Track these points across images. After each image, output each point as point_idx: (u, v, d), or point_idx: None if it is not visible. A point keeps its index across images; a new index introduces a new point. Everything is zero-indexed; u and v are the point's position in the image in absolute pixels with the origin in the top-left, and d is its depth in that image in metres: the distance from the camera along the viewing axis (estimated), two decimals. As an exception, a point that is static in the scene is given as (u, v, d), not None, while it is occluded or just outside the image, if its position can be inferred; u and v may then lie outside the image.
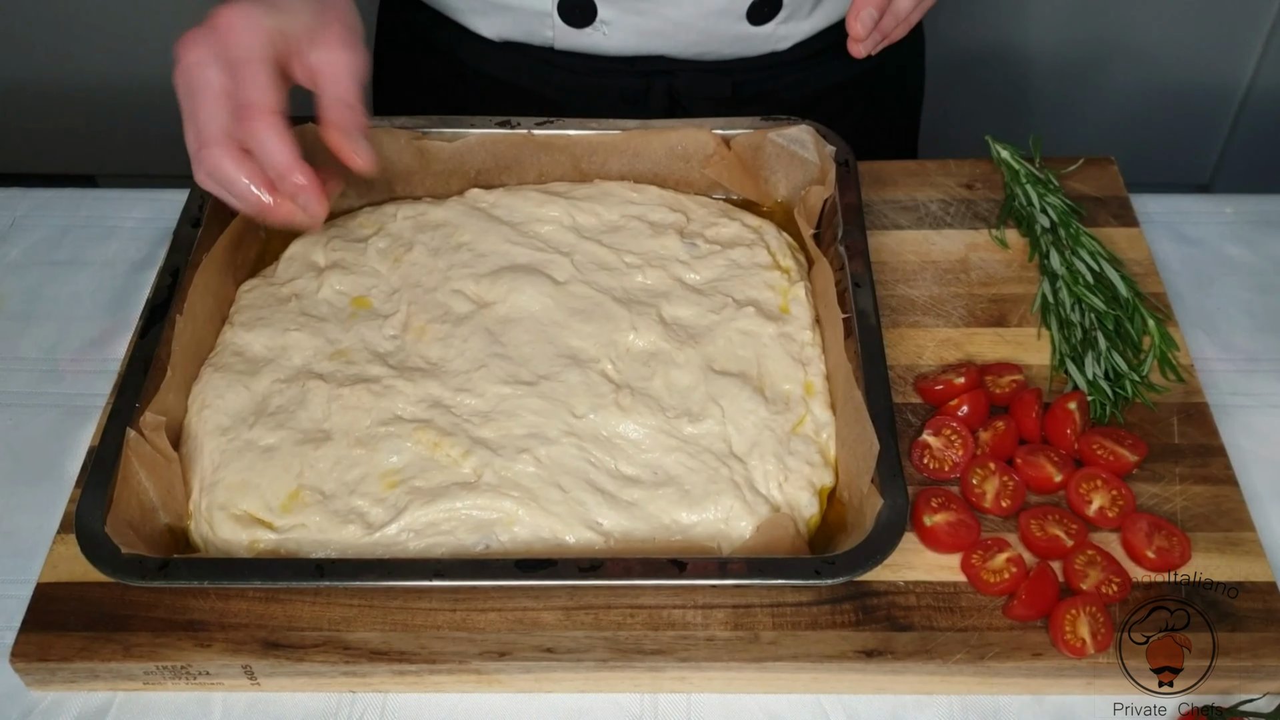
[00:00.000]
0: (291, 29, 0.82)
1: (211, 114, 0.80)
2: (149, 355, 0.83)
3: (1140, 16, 1.98)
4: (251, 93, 0.80)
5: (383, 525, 0.78)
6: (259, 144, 0.80)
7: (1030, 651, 0.75)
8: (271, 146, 0.80)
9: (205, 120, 0.80)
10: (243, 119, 0.80)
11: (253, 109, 0.80)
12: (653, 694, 0.77)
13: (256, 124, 0.80)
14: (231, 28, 0.81)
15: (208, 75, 0.80)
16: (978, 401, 0.86)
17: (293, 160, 0.80)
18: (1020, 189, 1.00)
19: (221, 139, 0.80)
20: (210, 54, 0.81)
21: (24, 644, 0.76)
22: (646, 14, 1.05)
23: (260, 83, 0.80)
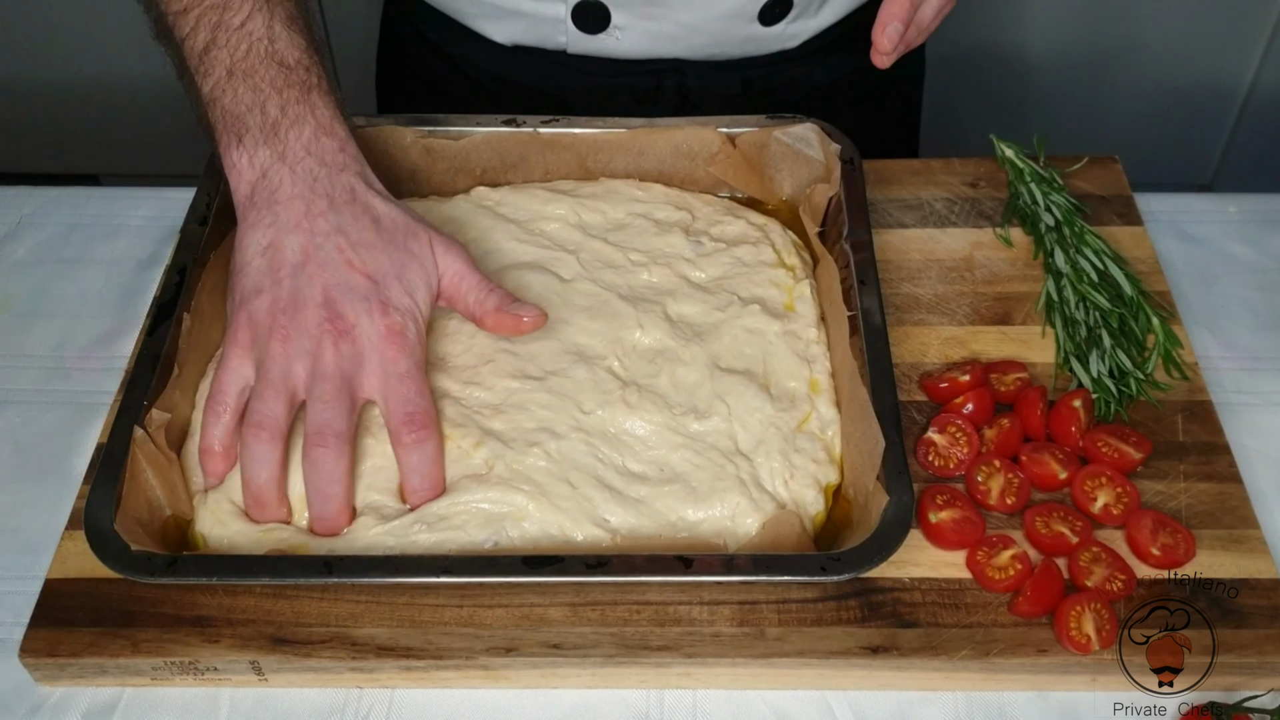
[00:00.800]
0: (382, 272, 0.79)
1: (277, 399, 0.76)
2: (157, 353, 0.83)
3: (1143, 16, 1.98)
4: (331, 412, 0.76)
5: (395, 517, 0.79)
6: (319, 472, 0.76)
7: (1035, 648, 0.75)
8: (334, 492, 0.77)
9: (270, 404, 0.76)
10: (314, 441, 0.75)
11: (330, 434, 0.75)
12: (659, 690, 0.78)
13: (326, 453, 0.75)
14: (342, 318, 0.77)
15: (295, 366, 0.76)
16: (983, 399, 0.87)
17: (346, 504, 0.78)
18: (1024, 188, 1.01)
19: (278, 434, 0.76)
20: (319, 333, 0.76)
21: (33, 639, 0.76)
22: (659, 18, 1.05)
23: (345, 407, 0.76)
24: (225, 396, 0.78)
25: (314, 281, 0.77)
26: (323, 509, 0.77)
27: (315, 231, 0.78)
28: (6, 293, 1.01)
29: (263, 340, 0.77)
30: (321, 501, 0.77)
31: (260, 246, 0.79)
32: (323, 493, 0.77)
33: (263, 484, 0.77)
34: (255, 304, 0.78)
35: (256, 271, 0.79)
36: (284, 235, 0.78)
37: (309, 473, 0.76)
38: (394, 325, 0.78)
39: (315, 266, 0.78)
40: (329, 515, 0.77)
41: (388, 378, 0.77)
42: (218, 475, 0.80)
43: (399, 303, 0.79)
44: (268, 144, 0.80)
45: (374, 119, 0.99)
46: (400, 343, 0.78)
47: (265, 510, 0.78)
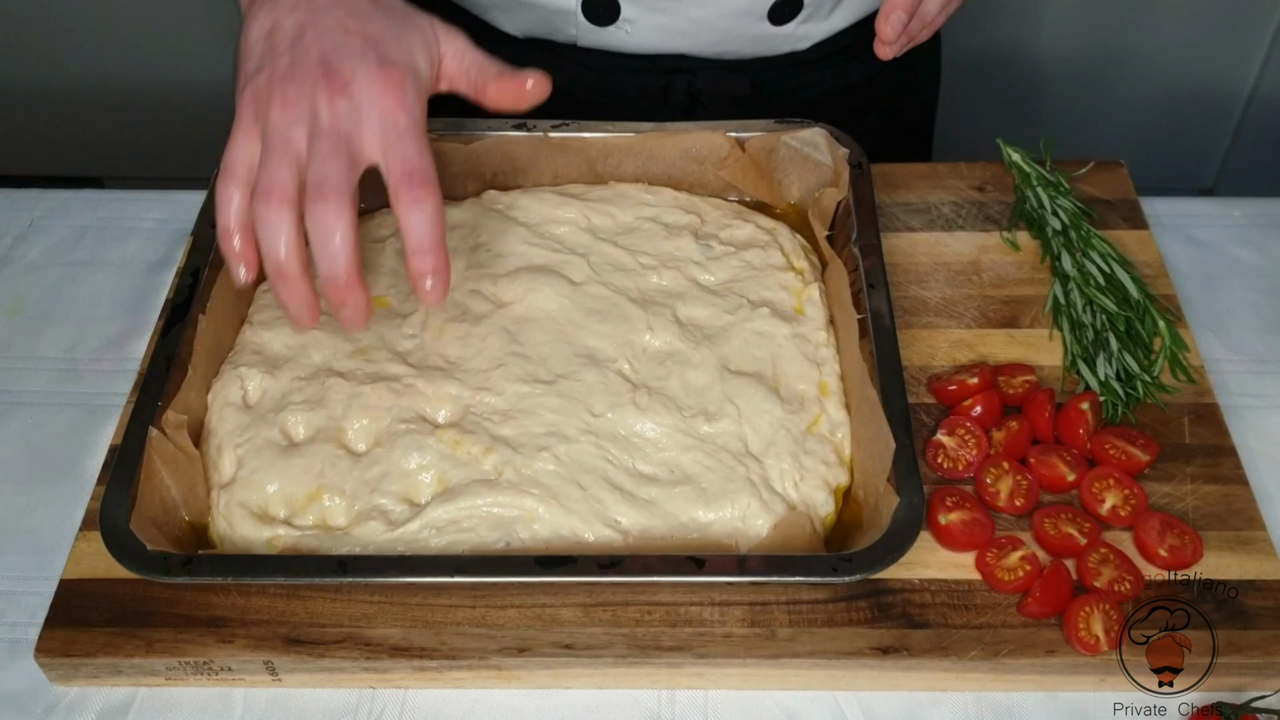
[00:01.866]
0: (379, 34, 0.77)
1: (281, 164, 0.73)
2: (171, 354, 0.84)
3: (1146, 23, 1.99)
4: (329, 165, 0.72)
5: (404, 522, 0.79)
6: (321, 227, 0.72)
7: (1044, 648, 0.76)
8: (339, 245, 0.72)
9: (274, 169, 0.73)
10: (313, 197, 0.72)
11: (328, 187, 0.72)
12: (670, 690, 0.78)
13: (327, 203, 0.72)
14: (347, 74, 0.74)
15: (294, 129, 0.73)
16: (991, 402, 0.87)
17: (355, 264, 0.73)
18: (1031, 192, 1.01)
19: (287, 199, 0.72)
20: (315, 92, 0.74)
21: (48, 640, 0.77)
22: (669, 13, 1.06)
23: (343, 161, 0.73)
24: (233, 172, 0.75)
25: (311, 48, 0.75)
26: (330, 268, 0.72)
27: (314, 8, 0.77)
28: (18, 295, 1.02)
29: (264, 111, 0.75)
30: (328, 260, 0.72)
31: (262, 31, 0.78)
32: (327, 250, 0.72)
33: (283, 256, 0.73)
34: (258, 80, 0.76)
35: (258, 54, 0.77)
36: (283, 16, 0.77)
37: (311, 231, 0.72)
38: (392, 77, 0.75)
39: (313, 36, 0.76)
40: (338, 275, 0.73)
41: (387, 134, 0.74)
42: (244, 260, 0.75)
43: (397, 58, 0.76)
44: None
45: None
46: (399, 95, 0.74)
47: (290, 285, 0.74)
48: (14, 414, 0.93)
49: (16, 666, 0.79)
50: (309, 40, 0.76)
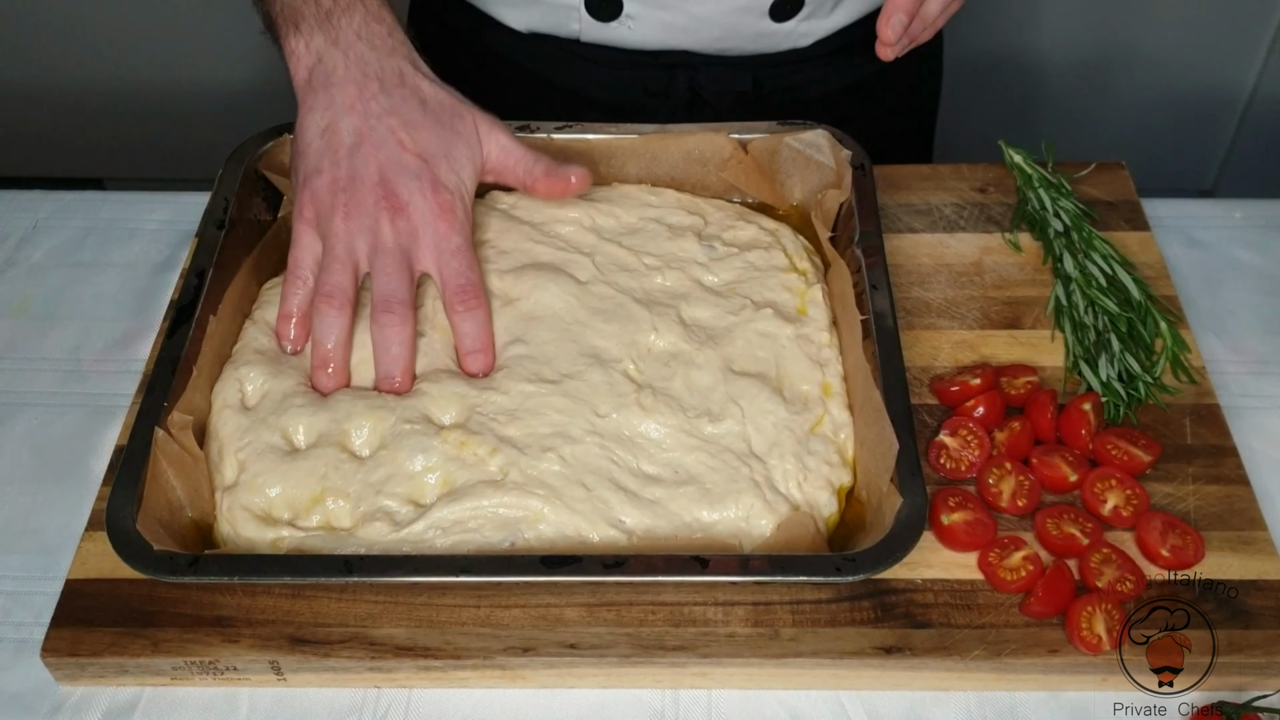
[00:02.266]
0: (431, 151, 0.86)
1: (344, 272, 0.84)
2: (176, 355, 0.84)
3: (1147, 24, 2.00)
4: (394, 282, 0.84)
5: (409, 523, 0.79)
6: (387, 334, 0.84)
7: (1047, 648, 0.76)
8: (398, 351, 0.84)
9: (337, 276, 0.84)
10: (381, 309, 0.83)
11: (395, 302, 0.83)
12: (674, 690, 0.78)
13: (392, 318, 0.83)
14: (399, 195, 0.84)
15: (357, 241, 0.84)
16: (993, 402, 0.87)
17: (410, 366, 0.85)
18: (1033, 193, 1.02)
19: (346, 303, 0.84)
20: (376, 211, 0.84)
21: (54, 639, 0.77)
22: (671, 9, 1.07)
23: (406, 278, 0.84)
24: (302, 269, 0.86)
25: (369, 161, 0.84)
26: (390, 368, 0.84)
27: (369, 114, 0.85)
28: (23, 296, 1.02)
29: (326, 217, 0.84)
30: (389, 362, 0.84)
31: (319, 128, 0.86)
32: (389, 353, 0.84)
33: (332, 348, 0.85)
34: (316, 183, 0.85)
35: (315, 153, 0.85)
36: (340, 118, 0.85)
37: (378, 336, 0.84)
38: (444, 203, 0.85)
39: (370, 147, 0.84)
40: (396, 374, 0.84)
41: (440, 253, 0.85)
42: (294, 342, 0.88)
43: (448, 181, 0.86)
44: (322, 30, 0.87)
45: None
46: (450, 219, 0.85)
47: (332, 374, 0.85)
48: (19, 415, 0.93)
49: (23, 666, 0.79)
50: (366, 152, 0.85)
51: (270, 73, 2.07)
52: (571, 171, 0.90)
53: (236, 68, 2.07)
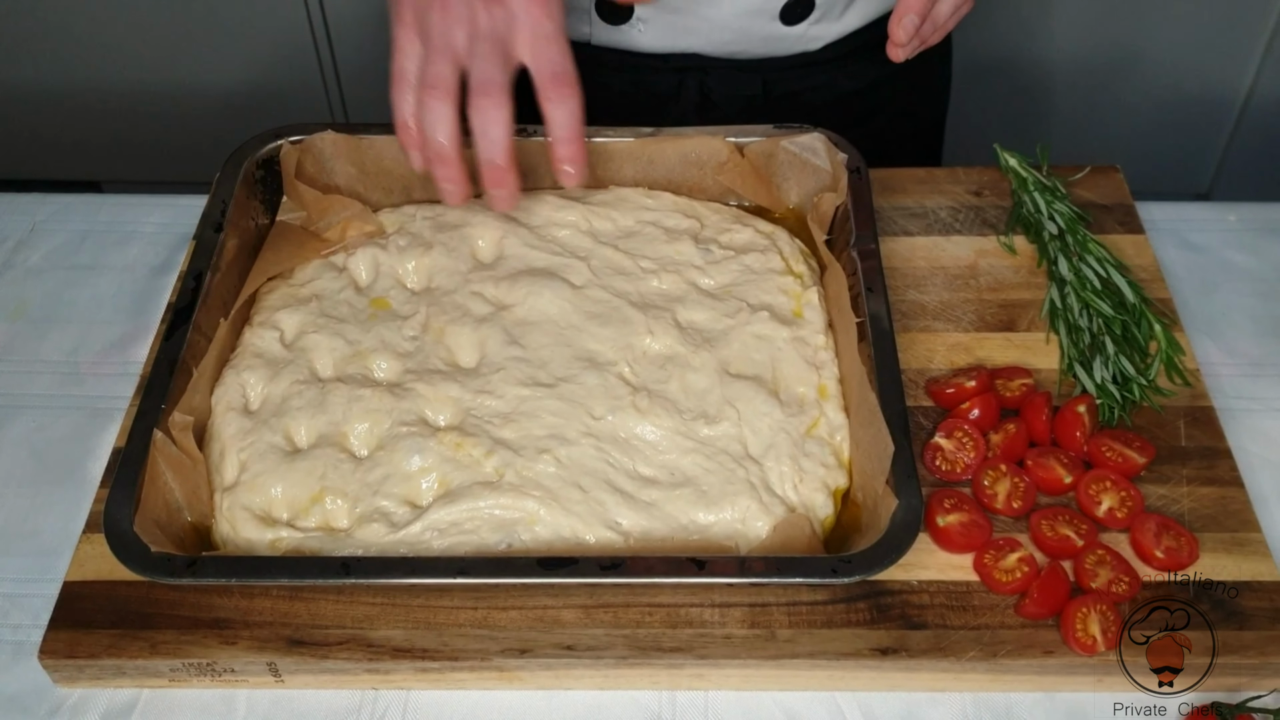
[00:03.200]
0: None
1: (444, 62, 0.83)
2: (174, 357, 0.84)
3: (1142, 28, 2.00)
4: (490, 67, 0.82)
5: (406, 524, 0.80)
6: (485, 117, 0.83)
7: (1042, 649, 0.77)
8: (497, 134, 0.83)
9: (438, 66, 0.83)
10: (478, 92, 0.82)
11: (492, 85, 0.82)
12: (671, 691, 0.79)
13: (489, 101, 0.82)
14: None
15: (455, 32, 0.82)
16: (988, 405, 0.88)
17: (511, 150, 0.84)
18: (1028, 196, 1.02)
19: (449, 92, 0.83)
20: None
21: (52, 641, 0.77)
22: (682, 12, 1.07)
23: (501, 62, 0.83)
24: (406, 73, 0.85)
25: None
26: (490, 152, 0.84)
27: None
28: (21, 299, 1.02)
29: (423, 14, 0.84)
30: (489, 145, 0.83)
31: None
32: (488, 136, 0.83)
33: (442, 139, 0.84)
34: None
35: None
36: None
37: (476, 120, 0.83)
38: None
39: None
40: (496, 159, 0.84)
41: (536, 39, 0.84)
42: (419, 148, 0.86)
43: None
44: None
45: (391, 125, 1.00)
46: (544, 5, 0.84)
47: (448, 165, 0.85)
48: (17, 417, 0.94)
49: (21, 668, 0.79)
50: None
51: (268, 76, 2.08)
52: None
53: (234, 71, 2.07)
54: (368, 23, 2.00)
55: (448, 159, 0.85)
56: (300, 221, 0.99)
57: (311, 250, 0.96)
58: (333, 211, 0.98)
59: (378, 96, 2.01)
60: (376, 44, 2.04)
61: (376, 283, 0.95)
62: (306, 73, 2.08)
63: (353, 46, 2.04)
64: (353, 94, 2.12)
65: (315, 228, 0.98)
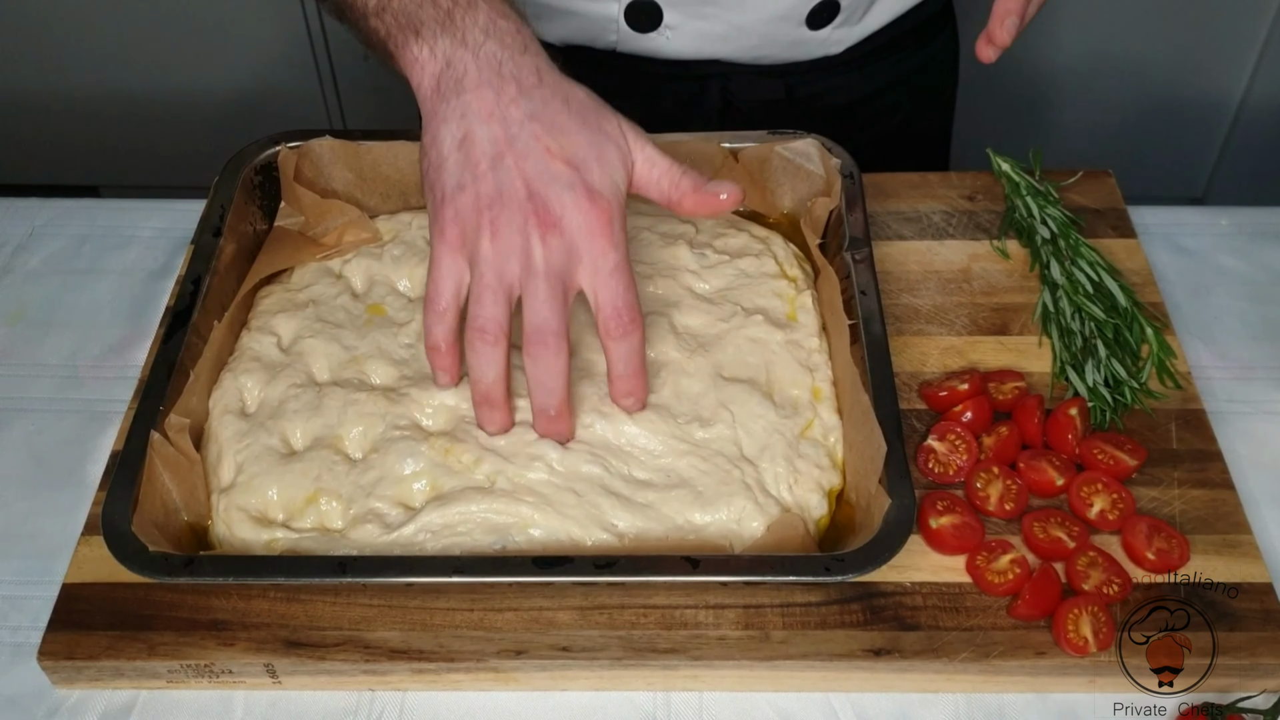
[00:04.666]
0: (580, 157, 0.77)
1: (496, 302, 0.77)
2: (172, 361, 0.85)
3: (1137, 33, 2.01)
4: (547, 311, 0.76)
5: (400, 525, 0.80)
6: (540, 367, 0.77)
7: (1034, 650, 0.77)
8: (554, 385, 0.79)
9: (490, 308, 0.77)
10: (535, 340, 0.77)
11: (549, 332, 0.76)
12: (665, 692, 0.79)
13: (547, 349, 0.77)
14: (556, 208, 0.76)
15: (508, 265, 0.76)
16: (981, 407, 0.88)
17: (567, 399, 0.80)
18: (1021, 201, 1.03)
19: (501, 336, 0.77)
20: (527, 228, 0.76)
21: (51, 643, 0.78)
22: (710, 18, 1.07)
23: (560, 304, 0.77)
24: (444, 295, 0.79)
25: (515, 173, 0.76)
26: (545, 402, 0.79)
27: (509, 120, 0.77)
28: (20, 303, 1.03)
29: (472, 238, 0.77)
30: (544, 395, 0.79)
31: (455, 140, 0.78)
32: (545, 387, 0.79)
33: (490, 383, 0.80)
34: (460, 200, 0.77)
35: (455, 166, 0.77)
36: (477, 126, 0.77)
37: (531, 369, 0.78)
38: (600, 213, 0.76)
39: (514, 157, 0.76)
40: (551, 407, 0.80)
41: (598, 271, 0.77)
42: (449, 372, 0.83)
43: (602, 187, 0.77)
44: (446, 32, 0.79)
45: (388, 132, 1.01)
46: (607, 233, 0.77)
47: (494, 410, 0.81)
48: (16, 421, 0.94)
49: (19, 670, 0.80)
50: (511, 163, 0.76)
51: (267, 83, 2.08)
52: (722, 187, 0.80)
53: (233, 76, 2.08)
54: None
55: (496, 403, 0.80)
56: (298, 227, 0.99)
57: (308, 254, 0.97)
58: (330, 217, 0.99)
59: (376, 104, 2.02)
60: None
61: (372, 290, 0.95)
62: (305, 80, 2.08)
63: (351, 54, 2.05)
64: (351, 101, 2.13)
65: (312, 233, 0.99)
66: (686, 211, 0.82)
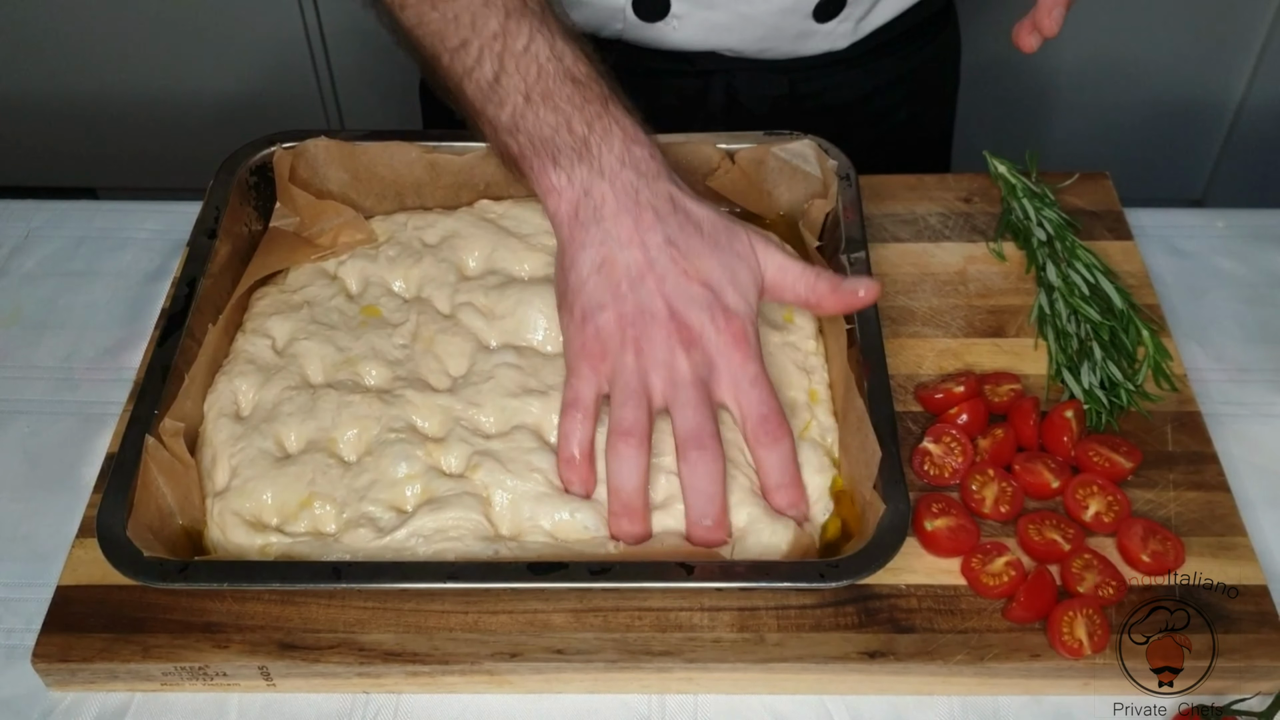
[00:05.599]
0: (715, 279, 0.81)
1: (640, 407, 0.78)
2: (167, 363, 0.85)
3: (1134, 34, 2.01)
4: (699, 416, 0.78)
5: (392, 530, 0.80)
6: (698, 473, 0.77)
7: (1029, 653, 0.77)
8: (714, 489, 0.78)
9: (634, 412, 0.78)
10: (690, 444, 0.77)
11: (705, 435, 0.78)
12: (660, 695, 0.79)
13: (705, 452, 0.77)
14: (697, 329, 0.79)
15: (653, 376, 0.78)
16: (977, 410, 0.88)
17: (724, 509, 0.78)
18: (1017, 203, 1.03)
19: (645, 440, 0.78)
20: (670, 343, 0.79)
21: (45, 645, 0.78)
22: (718, 8, 1.07)
23: (708, 410, 0.78)
24: (584, 400, 0.80)
25: (655, 294, 0.80)
26: (704, 510, 0.78)
27: (648, 245, 0.80)
28: (15, 305, 1.03)
29: (615, 353, 0.80)
30: (704, 502, 0.78)
31: (594, 264, 0.81)
32: (704, 493, 0.78)
33: (632, 490, 0.78)
34: (601, 319, 0.80)
35: (595, 288, 0.81)
36: (617, 251, 0.81)
37: (688, 476, 0.78)
38: (736, 331, 0.80)
39: (654, 280, 0.80)
40: (711, 514, 0.78)
41: (738, 384, 0.80)
42: (583, 483, 0.81)
43: (736, 307, 0.81)
44: (583, 161, 0.82)
45: (383, 133, 1.00)
46: (745, 348, 0.80)
47: (636, 519, 0.79)
48: (11, 423, 0.94)
49: (13, 672, 0.80)
50: (651, 285, 0.80)
51: (264, 84, 2.08)
52: (860, 284, 0.83)
53: (228, 78, 2.08)
54: (363, 32, 2.01)
55: (636, 513, 0.79)
56: (293, 228, 0.99)
57: (303, 256, 0.97)
58: (325, 218, 0.99)
59: (372, 105, 2.02)
60: (372, 53, 2.05)
61: (367, 291, 0.95)
62: (302, 81, 2.09)
63: (348, 55, 2.05)
64: (348, 103, 2.13)
65: (308, 234, 0.99)
66: (828, 312, 0.86)
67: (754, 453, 0.81)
